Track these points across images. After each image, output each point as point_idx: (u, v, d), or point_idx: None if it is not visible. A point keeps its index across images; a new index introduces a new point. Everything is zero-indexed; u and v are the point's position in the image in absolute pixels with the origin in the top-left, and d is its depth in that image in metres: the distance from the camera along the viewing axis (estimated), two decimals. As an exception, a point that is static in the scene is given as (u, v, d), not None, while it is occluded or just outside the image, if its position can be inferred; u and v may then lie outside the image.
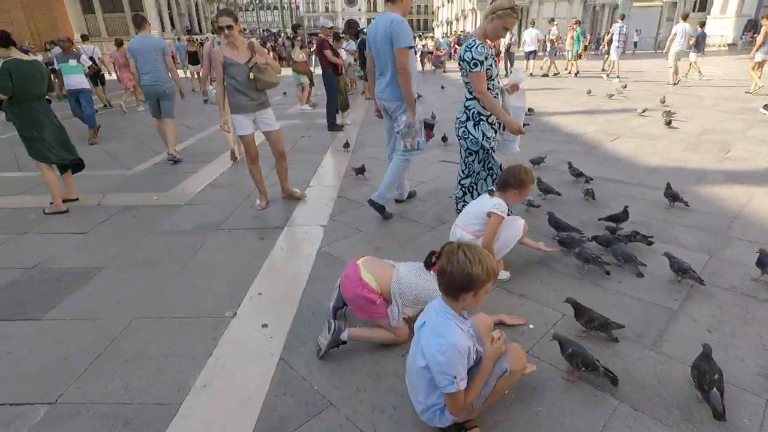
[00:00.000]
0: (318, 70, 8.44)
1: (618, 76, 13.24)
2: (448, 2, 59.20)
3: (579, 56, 15.55)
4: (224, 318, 2.46)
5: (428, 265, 1.64)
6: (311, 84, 10.56)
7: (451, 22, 55.82)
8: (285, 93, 12.65)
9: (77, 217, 4.02)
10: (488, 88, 2.93)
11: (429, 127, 3.76)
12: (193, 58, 14.27)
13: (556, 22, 19.37)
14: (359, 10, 78.01)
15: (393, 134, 3.95)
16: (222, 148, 6.44)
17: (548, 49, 17.00)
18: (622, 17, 14.59)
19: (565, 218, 3.37)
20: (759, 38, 9.63)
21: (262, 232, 3.65)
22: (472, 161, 3.16)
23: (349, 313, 2.35)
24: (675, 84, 11.79)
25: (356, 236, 3.52)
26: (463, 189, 3.31)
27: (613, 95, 9.98)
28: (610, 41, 13.64)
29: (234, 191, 4.64)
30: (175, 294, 2.73)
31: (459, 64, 2.97)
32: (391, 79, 3.48)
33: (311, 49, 10.45)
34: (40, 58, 13.48)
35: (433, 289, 2.03)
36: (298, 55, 9.66)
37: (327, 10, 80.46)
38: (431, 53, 19.67)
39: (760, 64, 9.84)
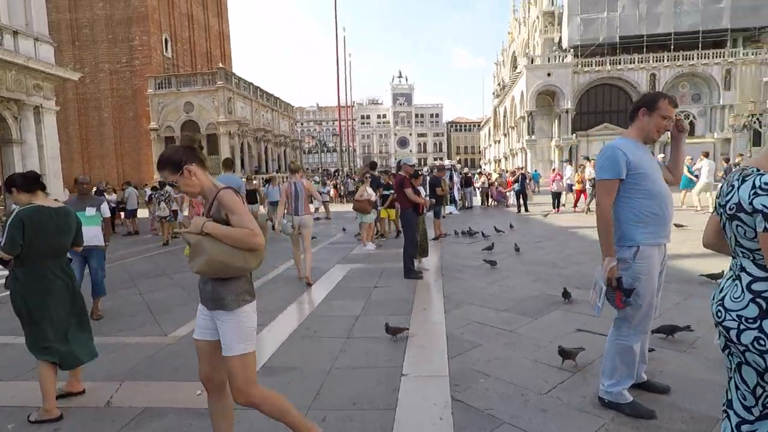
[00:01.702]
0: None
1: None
2: (496, 143, 62.43)
3: None
4: None
5: None
6: (377, 221, 9.85)
7: (499, 160, 58.02)
8: (344, 229, 12.08)
9: (69, 432, 2.69)
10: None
11: (625, 291, 2.42)
12: (251, 197, 14.28)
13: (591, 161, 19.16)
14: (410, 151, 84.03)
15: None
16: (282, 304, 5.26)
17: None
18: (707, 154, 14.04)
19: None
20: None
21: (347, 488, 2.12)
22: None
23: None
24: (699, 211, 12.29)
25: None
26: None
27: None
28: None
29: (296, 384, 3.22)
30: None
31: (733, 216, 1.64)
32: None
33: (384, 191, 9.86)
34: (113, 197, 14.08)
35: None
36: (362, 192, 9.01)
37: (381, 151, 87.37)
38: (492, 185, 19.16)
39: None
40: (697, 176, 12.70)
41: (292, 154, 46.95)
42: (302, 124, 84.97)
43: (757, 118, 26.96)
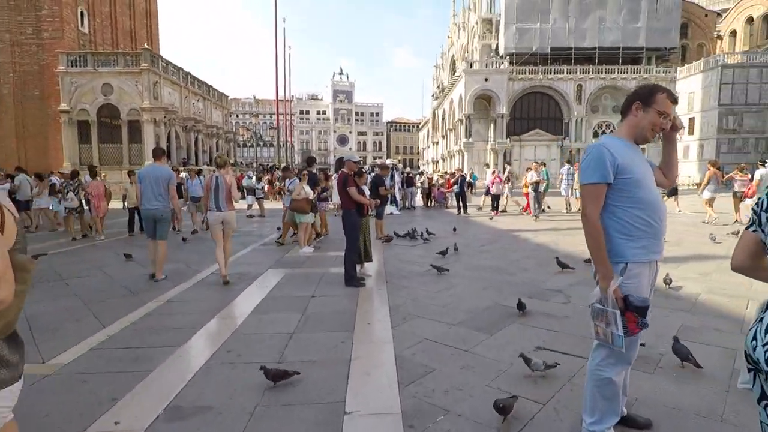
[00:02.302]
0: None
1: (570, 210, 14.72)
2: (434, 145, 63.52)
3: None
4: None
5: None
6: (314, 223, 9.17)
7: (437, 162, 59.04)
8: (279, 228, 11.14)
9: None
10: None
11: (637, 309, 2.01)
12: (178, 191, 13.05)
13: (509, 165, 20.32)
14: (350, 149, 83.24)
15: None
16: (200, 319, 4.46)
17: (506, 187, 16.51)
18: (569, 161, 16.76)
19: None
20: (704, 181, 11.79)
21: None
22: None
23: None
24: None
25: None
26: None
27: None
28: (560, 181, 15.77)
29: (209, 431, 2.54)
30: None
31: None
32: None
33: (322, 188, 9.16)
34: (6, 185, 12.11)
35: None
36: (299, 190, 8.27)
37: (320, 148, 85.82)
38: (434, 186, 19.05)
39: (709, 201, 11.54)
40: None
41: (225, 146, 44.43)
42: (237, 116, 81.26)
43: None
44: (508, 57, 42.68)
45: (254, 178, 17.07)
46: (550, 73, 43.14)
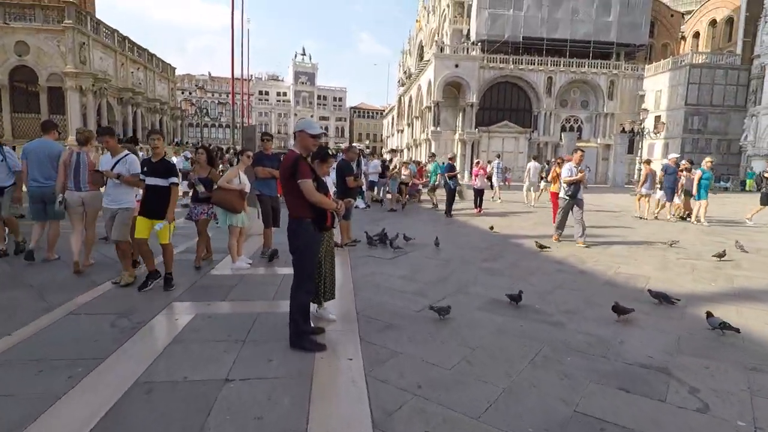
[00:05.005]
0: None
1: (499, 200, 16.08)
2: (399, 133, 61.18)
3: (433, 188, 15.30)
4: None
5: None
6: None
7: (402, 150, 56.76)
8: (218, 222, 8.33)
9: None
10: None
11: None
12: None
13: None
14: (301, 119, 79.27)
15: None
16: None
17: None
18: (498, 156, 19.87)
19: None
20: (641, 179, 12.33)
21: None
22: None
23: None
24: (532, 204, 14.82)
25: None
26: None
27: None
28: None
29: None
30: None
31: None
32: None
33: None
34: None
35: None
36: (230, 177, 5.59)
37: (279, 131, 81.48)
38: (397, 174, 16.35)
39: (646, 197, 11.94)
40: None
41: (171, 124, 40.24)
42: (190, 93, 75.52)
43: (639, 128, 28.60)
44: (479, 44, 40.76)
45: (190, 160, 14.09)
46: (521, 63, 41.64)
